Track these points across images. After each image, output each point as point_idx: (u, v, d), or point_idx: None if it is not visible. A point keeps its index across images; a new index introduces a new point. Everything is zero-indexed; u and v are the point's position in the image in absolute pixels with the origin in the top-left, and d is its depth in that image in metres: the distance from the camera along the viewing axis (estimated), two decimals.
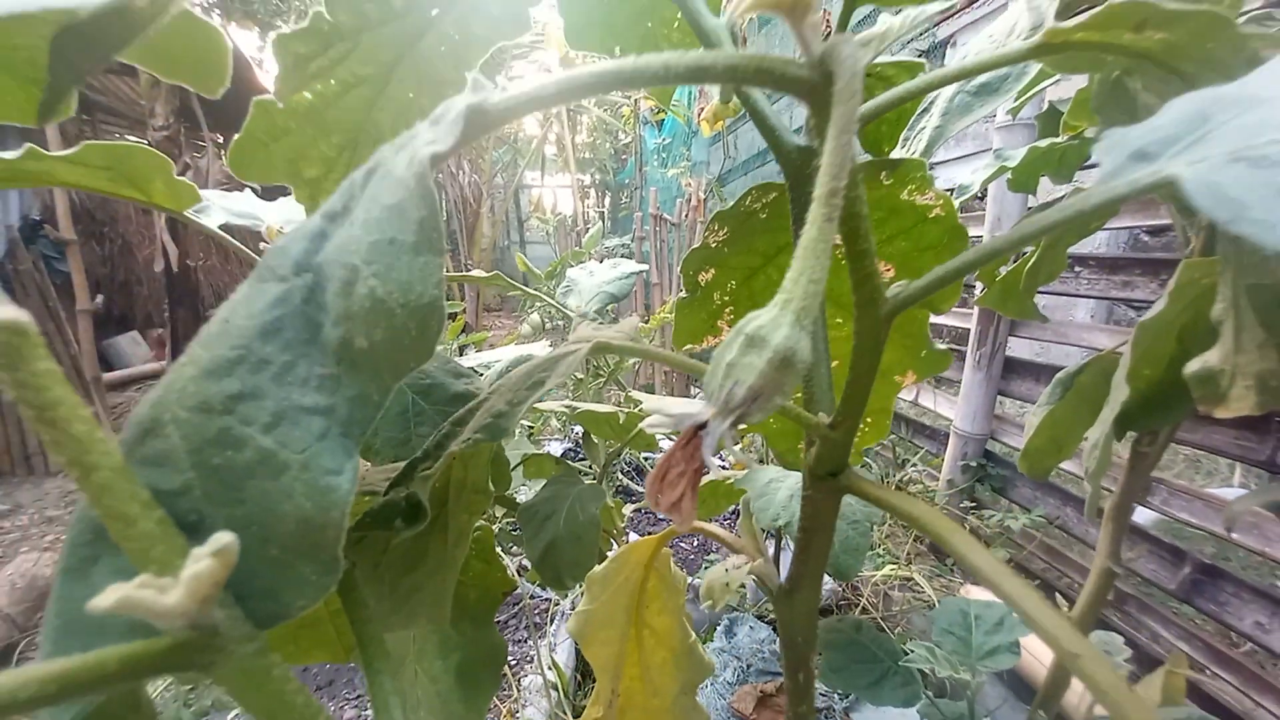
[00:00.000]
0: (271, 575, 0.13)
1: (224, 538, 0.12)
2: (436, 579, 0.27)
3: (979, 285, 1.01)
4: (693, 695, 0.45)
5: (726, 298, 0.50)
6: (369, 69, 0.41)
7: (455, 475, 0.26)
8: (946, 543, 0.20)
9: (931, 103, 0.49)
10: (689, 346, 0.53)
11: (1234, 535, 1.19)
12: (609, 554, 0.54)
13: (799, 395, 0.32)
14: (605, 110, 7.13)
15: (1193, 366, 0.47)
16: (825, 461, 0.27)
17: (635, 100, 5.87)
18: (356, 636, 0.22)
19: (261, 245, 0.57)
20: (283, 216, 0.53)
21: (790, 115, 3.27)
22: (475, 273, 0.56)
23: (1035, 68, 0.42)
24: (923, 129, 0.48)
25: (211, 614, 0.13)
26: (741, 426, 0.16)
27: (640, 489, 2.51)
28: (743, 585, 0.44)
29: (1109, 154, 0.16)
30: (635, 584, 0.39)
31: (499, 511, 0.80)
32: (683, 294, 0.51)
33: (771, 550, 1.40)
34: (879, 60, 0.37)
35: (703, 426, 0.16)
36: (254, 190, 0.56)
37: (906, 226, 0.43)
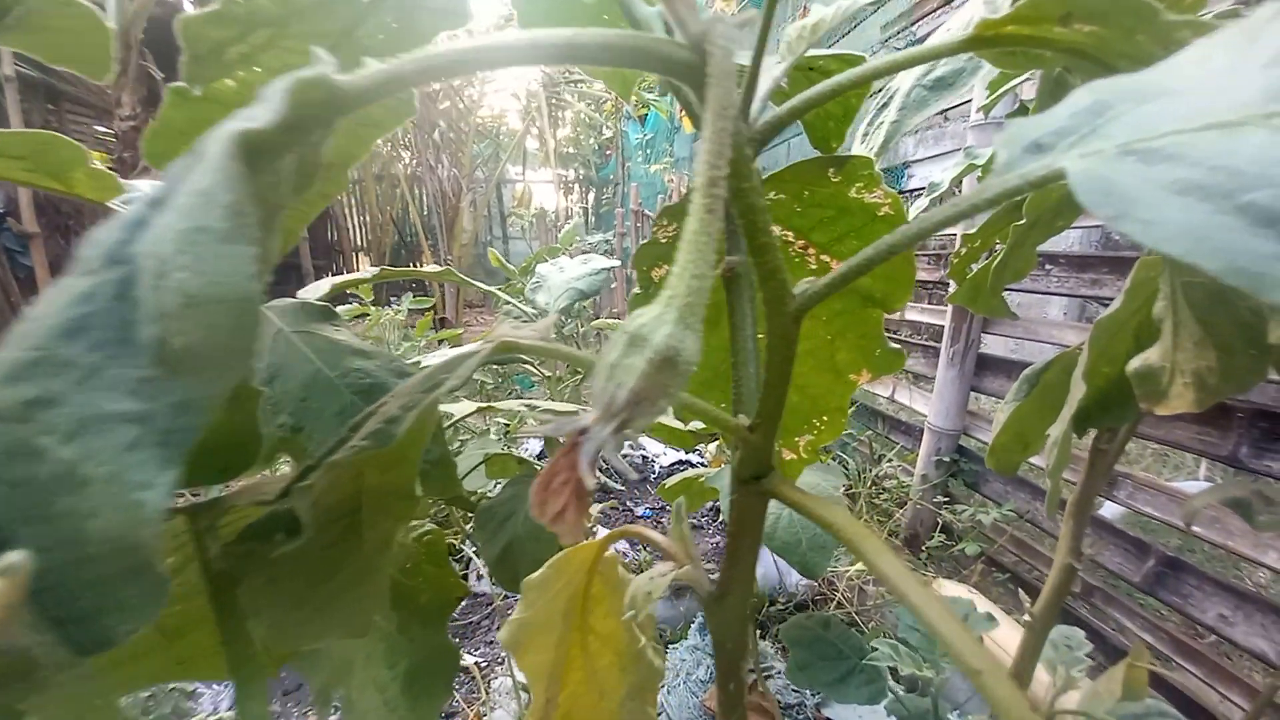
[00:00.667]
0: (90, 598, 0.12)
1: (11, 557, 0.11)
2: (355, 590, 0.26)
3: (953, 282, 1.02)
4: (642, 701, 0.44)
5: None
6: (299, 59, 0.40)
7: (369, 481, 0.25)
8: (858, 549, 0.19)
9: (890, 98, 0.49)
10: None
11: (1196, 530, 1.21)
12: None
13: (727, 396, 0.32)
14: (588, 104, 7.09)
15: (1134, 364, 0.48)
16: (748, 465, 0.26)
17: (615, 96, 5.84)
18: (226, 652, 0.20)
19: None
20: None
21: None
22: (428, 268, 0.54)
23: (985, 66, 0.42)
24: (880, 124, 0.47)
25: (17, 639, 0.12)
26: (628, 432, 0.15)
27: (619, 487, 2.51)
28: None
29: (1006, 146, 0.15)
30: (576, 590, 0.38)
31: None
32: (636, 290, 0.50)
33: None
34: (817, 53, 0.36)
35: (584, 432, 0.15)
36: None
37: (857, 225, 0.42)
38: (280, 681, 1.51)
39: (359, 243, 7.87)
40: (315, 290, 0.52)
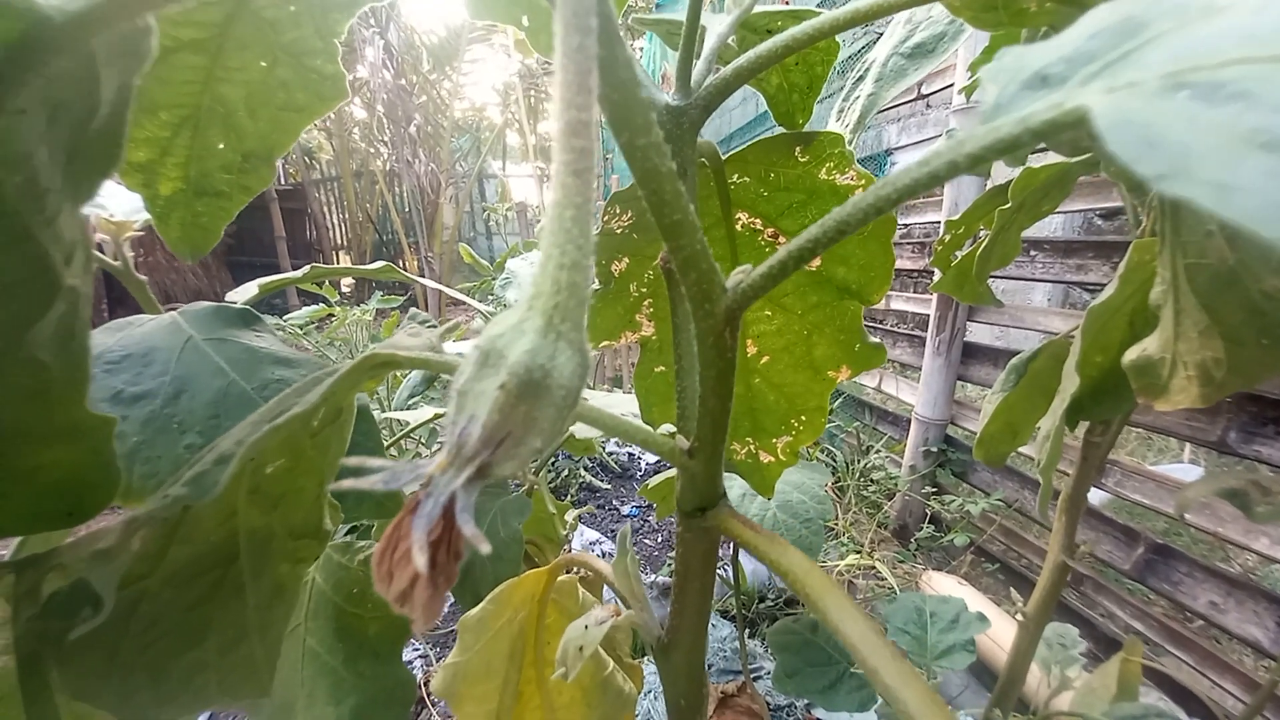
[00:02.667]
0: None
1: None
2: (238, 651, 0.22)
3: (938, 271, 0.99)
4: None
5: (644, 289, 0.46)
6: (190, 32, 0.35)
7: (249, 524, 0.21)
8: (816, 604, 0.16)
9: (865, 70, 0.45)
10: (605, 344, 0.48)
11: (1186, 516, 1.20)
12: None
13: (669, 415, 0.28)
14: None
15: (1130, 355, 0.44)
16: (690, 496, 0.22)
17: None
18: None
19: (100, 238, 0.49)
20: (131, 206, 0.46)
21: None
22: (370, 266, 0.50)
23: (967, 29, 0.38)
24: (856, 98, 0.43)
25: None
26: (487, 480, 0.11)
27: (605, 486, 2.47)
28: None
29: (997, 80, 0.11)
30: (525, 624, 0.34)
31: None
32: (595, 286, 0.46)
33: None
34: (771, 9, 0.32)
35: (428, 484, 0.11)
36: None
37: (827, 210, 0.38)
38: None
39: (339, 241, 7.74)
40: (244, 293, 0.48)
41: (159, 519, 0.17)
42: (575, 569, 0.39)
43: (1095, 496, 1.75)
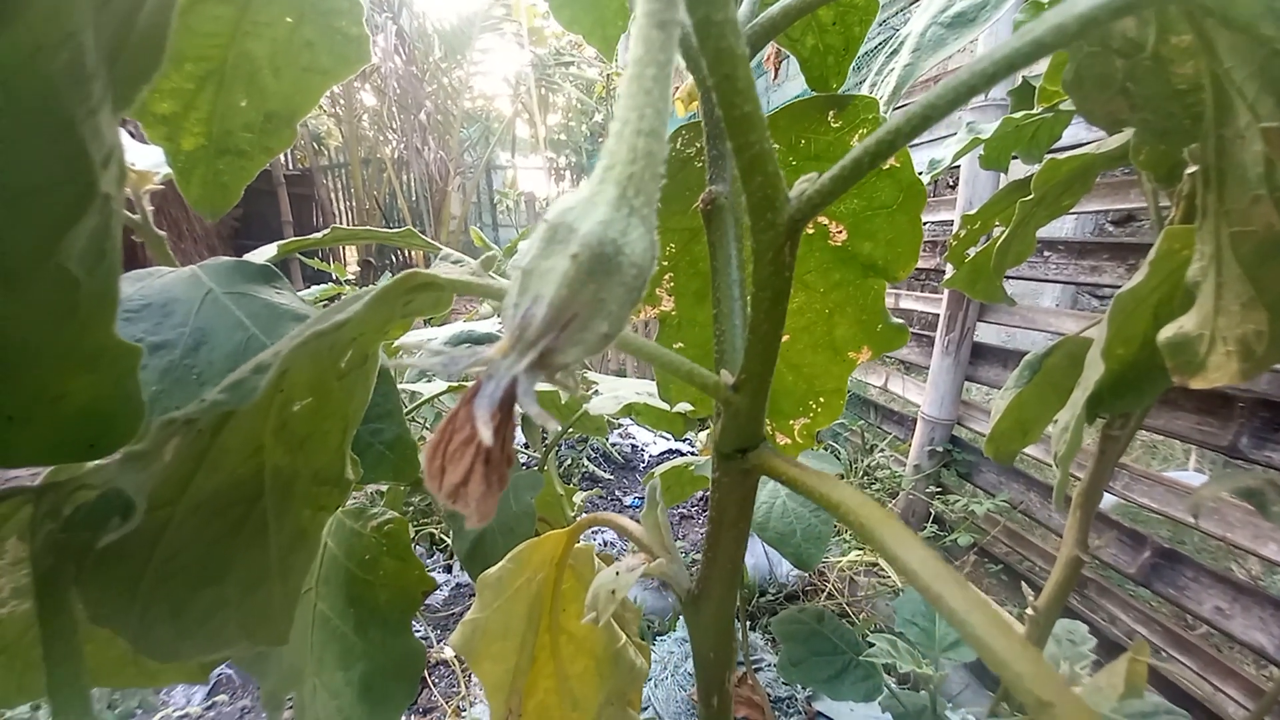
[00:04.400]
0: None
1: None
2: (259, 594, 0.21)
3: (950, 268, 0.98)
4: (622, 705, 0.40)
5: (665, 263, 0.45)
6: None
7: (274, 461, 0.20)
8: (873, 535, 0.15)
9: (901, 42, 0.44)
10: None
11: (1195, 521, 1.19)
12: None
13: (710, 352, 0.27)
14: (578, 86, 6.97)
15: (1166, 333, 0.43)
16: (731, 435, 0.22)
17: (608, 76, 5.74)
18: (46, 669, 0.16)
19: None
20: (154, 159, 0.46)
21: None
22: (388, 230, 0.49)
23: None
24: (891, 69, 0.43)
25: None
26: (553, 370, 0.10)
27: (607, 477, 2.47)
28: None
29: None
30: (542, 586, 0.34)
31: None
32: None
33: None
34: None
35: (489, 368, 0.10)
36: (128, 131, 0.49)
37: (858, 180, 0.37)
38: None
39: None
40: (262, 253, 0.47)
41: (194, 427, 0.16)
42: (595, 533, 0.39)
43: (1102, 500, 1.74)
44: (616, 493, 2.38)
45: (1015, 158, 0.96)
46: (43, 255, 0.16)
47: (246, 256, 0.48)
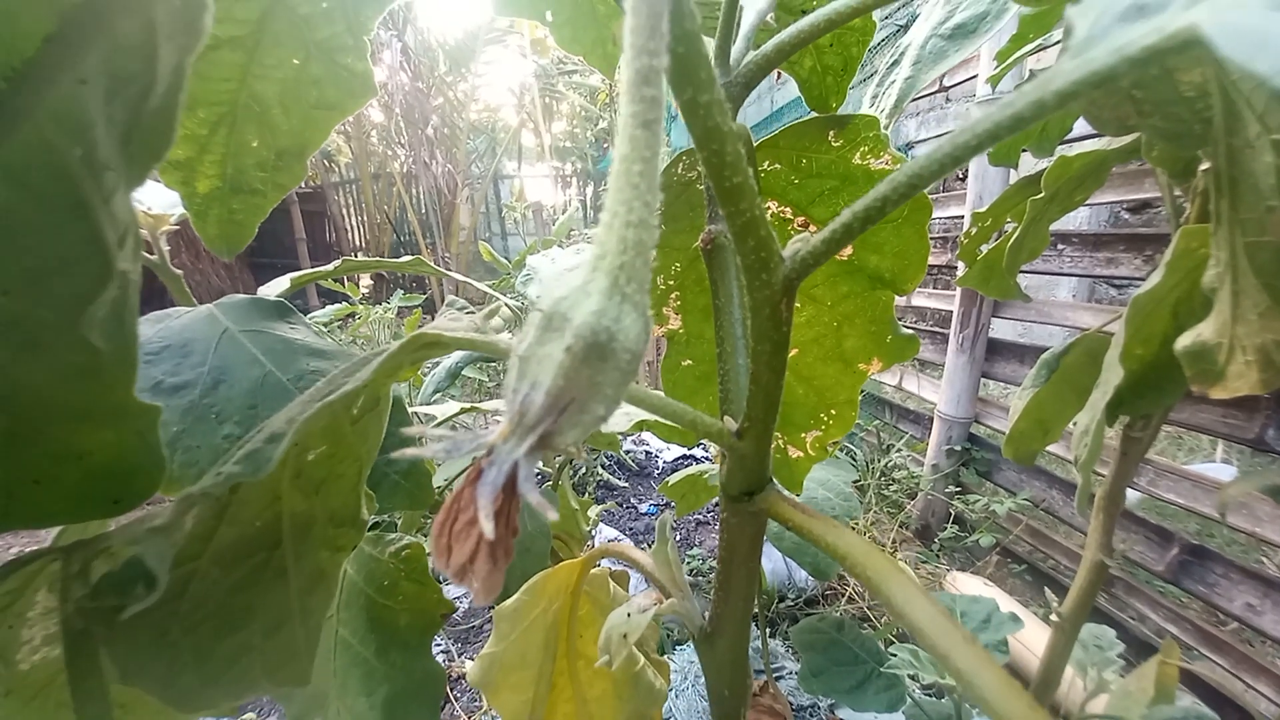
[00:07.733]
0: None
1: None
2: (280, 636, 0.22)
3: (961, 265, 0.97)
4: None
5: (671, 282, 0.45)
6: (229, 29, 0.35)
7: (292, 508, 0.20)
8: (880, 588, 0.15)
9: (901, 54, 0.44)
10: None
11: (1224, 516, 1.16)
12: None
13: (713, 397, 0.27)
14: (582, 94, 7.00)
15: (1184, 341, 0.43)
16: (738, 479, 0.22)
17: (610, 85, 5.76)
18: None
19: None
20: (169, 200, 0.47)
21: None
22: (400, 259, 0.50)
23: (1013, 6, 0.37)
24: (892, 82, 0.42)
25: None
26: (554, 451, 0.11)
27: (622, 484, 2.47)
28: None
29: (1085, 15, 0.11)
30: (558, 615, 0.34)
31: None
32: None
33: None
34: None
35: (490, 452, 0.11)
36: None
37: (860, 197, 0.37)
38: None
39: (357, 242, 7.84)
40: (275, 287, 0.48)
41: (212, 496, 0.17)
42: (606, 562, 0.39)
43: (1127, 496, 1.71)
44: (632, 500, 2.38)
45: (1025, 151, 0.95)
46: (66, 326, 0.17)
47: (260, 290, 0.49)
